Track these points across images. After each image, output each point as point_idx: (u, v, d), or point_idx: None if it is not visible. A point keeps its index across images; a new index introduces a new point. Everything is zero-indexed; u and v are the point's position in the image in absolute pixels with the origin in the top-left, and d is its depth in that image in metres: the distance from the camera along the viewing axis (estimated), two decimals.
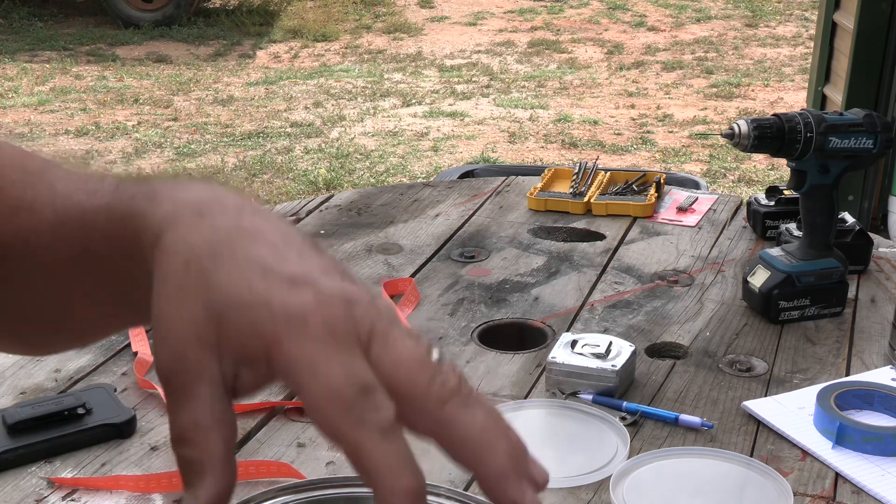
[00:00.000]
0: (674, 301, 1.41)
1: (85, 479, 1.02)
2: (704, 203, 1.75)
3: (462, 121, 5.60)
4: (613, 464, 1.03)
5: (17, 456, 1.04)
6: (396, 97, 6.07)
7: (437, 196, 1.81)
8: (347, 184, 4.57)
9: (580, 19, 8.32)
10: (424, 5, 8.78)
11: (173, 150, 5.08)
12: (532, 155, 5.01)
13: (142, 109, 5.80)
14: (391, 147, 5.12)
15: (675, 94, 6.15)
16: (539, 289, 1.45)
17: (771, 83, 6.40)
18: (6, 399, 1.16)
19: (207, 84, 6.38)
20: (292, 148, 5.10)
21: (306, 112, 5.76)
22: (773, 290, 1.33)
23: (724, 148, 4.96)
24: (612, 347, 1.19)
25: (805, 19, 8.11)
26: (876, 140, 1.32)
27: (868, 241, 1.50)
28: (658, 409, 1.13)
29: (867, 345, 1.29)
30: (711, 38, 7.59)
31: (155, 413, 1.13)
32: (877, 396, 1.14)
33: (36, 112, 5.75)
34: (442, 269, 1.52)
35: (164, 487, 1.00)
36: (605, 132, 5.39)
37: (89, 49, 7.23)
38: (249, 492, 1.00)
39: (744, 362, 1.25)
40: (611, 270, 1.51)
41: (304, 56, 7.22)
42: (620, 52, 7.22)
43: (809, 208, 1.35)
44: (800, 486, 1.01)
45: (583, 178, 1.79)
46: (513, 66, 6.88)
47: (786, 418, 1.12)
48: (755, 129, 1.29)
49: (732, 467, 1.02)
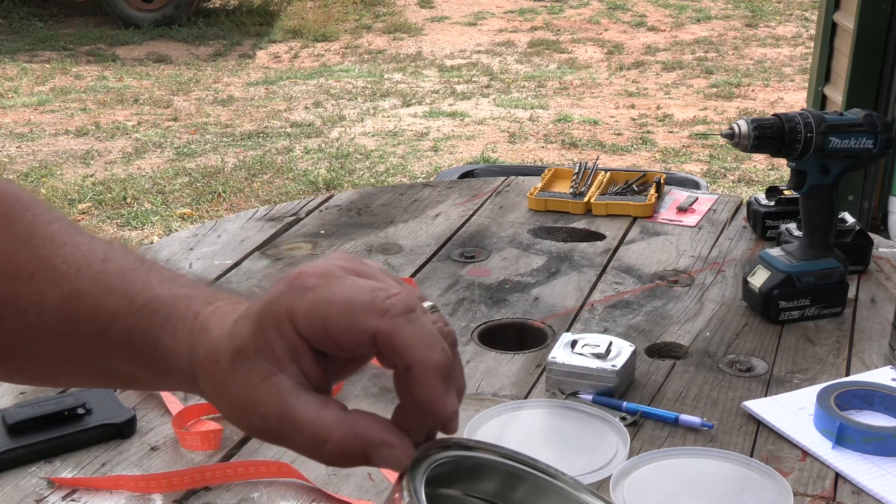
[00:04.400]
0: (674, 301, 1.41)
1: (85, 479, 1.02)
2: (704, 203, 1.75)
3: (462, 121, 5.60)
4: (613, 464, 1.03)
5: (17, 456, 1.04)
6: (396, 97, 6.07)
7: (437, 196, 1.80)
8: (347, 184, 4.57)
9: (580, 19, 8.32)
10: (424, 5, 8.78)
11: (173, 150, 5.08)
12: (532, 155, 5.01)
13: (142, 109, 5.80)
14: (391, 147, 5.12)
15: (675, 94, 6.15)
16: (539, 289, 1.45)
17: (771, 83, 6.40)
18: (6, 399, 1.16)
19: (207, 84, 6.38)
20: (292, 148, 5.10)
21: (306, 112, 5.76)
22: (773, 290, 1.33)
23: (724, 148, 4.96)
24: (612, 347, 1.19)
25: (805, 19, 8.11)
26: (876, 140, 1.32)
27: (868, 241, 1.50)
28: (658, 409, 1.13)
29: (867, 345, 1.29)
30: (711, 38, 7.59)
31: (155, 413, 1.13)
32: (877, 396, 1.14)
33: (36, 112, 5.75)
34: (442, 269, 1.52)
35: (164, 487, 1.00)
36: (605, 132, 5.39)
37: (89, 49, 7.23)
38: (249, 492, 1.00)
39: (744, 362, 1.25)
40: (611, 270, 1.51)
41: (304, 56, 7.22)
42: (620, 52, 7.22)
43: (809, 208, 1.34)
44: (800, 486, 1.01)
45: (583, 178, 1.79)
46: (513, 66, 6.88)
47: (786, 418, 1.12)
48: (755, 129, 1.29)
49: (732, 467, 1.02)
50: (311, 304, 0.48)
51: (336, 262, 0.50)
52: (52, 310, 0.53)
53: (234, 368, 0.49)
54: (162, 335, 0.51)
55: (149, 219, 4.14)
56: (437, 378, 0.47)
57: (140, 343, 0.52)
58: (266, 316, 0.48)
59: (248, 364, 0.48)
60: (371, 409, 0.49)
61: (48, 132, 5.37)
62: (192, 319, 0.51)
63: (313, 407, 0.48)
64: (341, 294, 0.48)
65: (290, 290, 0.48)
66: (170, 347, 0.51)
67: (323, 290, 0.48)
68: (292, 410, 0.47)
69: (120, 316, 0.52)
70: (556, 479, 0.54)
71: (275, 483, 1.01)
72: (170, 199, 4.35)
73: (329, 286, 0.48)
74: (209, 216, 4.17)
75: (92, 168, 4.80)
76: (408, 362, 0.47)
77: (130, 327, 0.52)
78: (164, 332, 0.52)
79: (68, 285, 0.53)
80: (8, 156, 4.96)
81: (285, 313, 0.48)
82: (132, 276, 0.54)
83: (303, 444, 0.48)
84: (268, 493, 1.00)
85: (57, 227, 0.56)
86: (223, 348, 0.49)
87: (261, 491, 1.00)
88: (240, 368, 0.48)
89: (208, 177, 4.63)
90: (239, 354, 0.49)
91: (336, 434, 0.47)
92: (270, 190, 4.49)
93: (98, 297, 0.53)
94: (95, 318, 0.53)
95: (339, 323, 0.47)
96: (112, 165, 4.84)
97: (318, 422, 0.48)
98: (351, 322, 0.47)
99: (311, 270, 0.49)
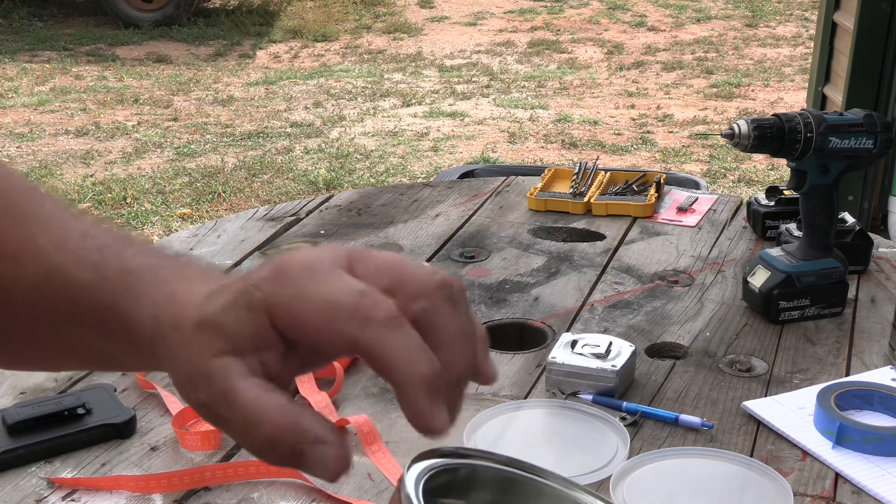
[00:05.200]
0: (674, 301, 1.41)
1: (85, 479, 1.02)
2: (704, 203, 1.75)
3: (462, 121, 5.60)
4: (613, 464, 1.03)
5: (17, 456, 1.04)
6: (396, 97, 6.07)
7: (437, 196, 1.80)
8: (347, 184, 4.57)
9: (580, 19, 8.32)
10: (424, 5, 8.78)
11: (173, 150, 5.08)
12: (532, 155, 5.01)
13: (142, 109, 5.80)
14: (391, 147, 5.12)
15: (675, 94, 6.15)
16: (539, 289, 1.45)
17: (771, 83, 6.40)
18: (6, 399, 1.16)
19: (207, 84, 6.38)
20: (292, 148, 5.10)
21: (306, 112, 5.76)
22: (773, 290, 1.33)
23: (724, 148, 4.96)
24: (612, 347, 1.19)
25: (805, 19, 8.11)
26: (876, 140, 1.32)
27: (868, 242, 1.50)
28: (658, 409, 1.13)
29: (867, 345, 1.29)
30: (711, 38, 7.59)
31: (155, 413, 1.13)
32: (877, 396, 1.14)
33: (36, 112, 5.75)
34: (442, 269, 1.51)
35: (164, 487, 1.00)
36: (605, 132, 5.39)
37: (89, 49, 7.23)
38: (249, 492, 1.00)
39: (744, 362, 1.25)
40: (611, 270, 1.51)
41: (304, 56, 7.22)
42: (620, 52, 7.22)
43: (809, 208, 1.35)
44: (800, 486, 1.01)
45: (583, 178, 1.79)
46: (513, 66, 6.88)
47: (786, 418, 1.12)
48: (755, 129, 1.29)
49: (732, 467, 1.02)
50: (291, 298, 0.46)
51: (328, 254, 0.48)
52: (32, 286, 0.53)
53: (193, 338, 0.47)
54: (125, 301, 0.50)
55: (149, 219, 4.14)
56: (422, 394, 0.45)
57: (105, 312, 0.51)
58: (242, 297, 0.47)
59: (206, 336, 0.47)
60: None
61: (48, 132, 5.37)
62: (159, 285, 0.50)
63: (258, 389, 0.46)
64: (324, 294, 0.45)
65: (273, 277, 0.47)
66: (131, 314, 0.50)
67: (306, 286, 0.46)
68: (235, 390, 0.46)
69: (89, 287, 0.52)
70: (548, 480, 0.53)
71: (275, 483, 1.01)
72: (170, 199, 4.36)
73: (314, 282, 0.46)
74: (209, 216, 4.17)
75: (92, 168, 4.80)
76: (391, 377, 0.45)
77: (97, 298, 0.51)
78: (126, 298, 0.50)
79: (47, 260, 0.53)
80: (8, 156, 4.96)
81: (262, 302, 0.46)
82: (109, 251, 0.53)
83: (237, 425, 0.46)
84: (268, 493, 1.00)
85: (49, 207, 0.56)
86: (188, 315, 0.48)
87: (261, 491, 1.00)
88: (198, 339, 0.47)
89: (208, 177, 4.63)
90: (202, 325, 0.47)
91: (272, 417, 0.45)
92: (270, 190, 4.49)
93: (72, 271, 0.52)
94: (69, 293, 0.52)
95: (317, 325, 0.45)
96: (112, 165, 4.84)
97: (257, 403, 0.45)
98: (330, 327, 0.45)
99: (297, 262, 0.47)
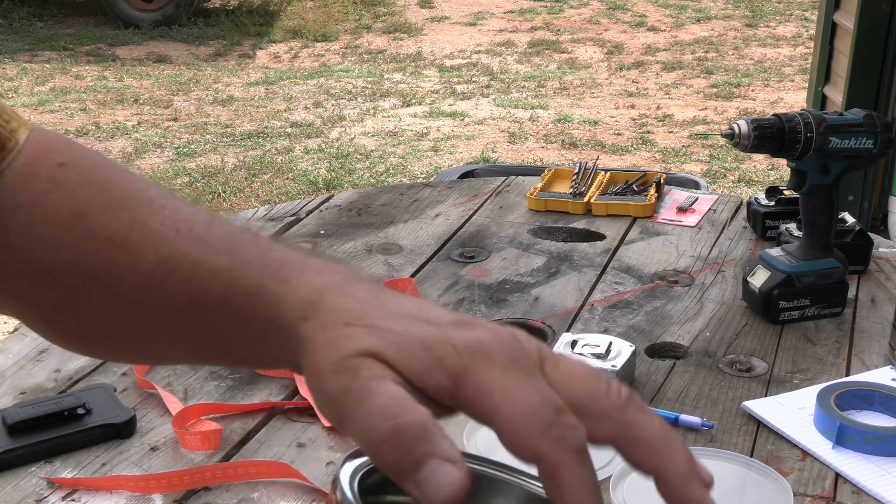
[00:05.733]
0: (674, 301, 1.41)
1: (85, 479, 1.02)
2: (704, 203, 1.75)
3: (462, 121, 5.60)
4: (613, 464, 1.03)
5: (17, 456, 1.04)
6: (396, 97, 6.07)
7: (437, 196, 1.80)
8: (347, 184, 4.57)
9: (580, 19, 8.32)
10: (424, 5, 8.78)
11: (173, 150, 5.08)
12: (532, 155, 5.01)
13: (142, 109, 5.80)
14: (391, 147, 5.12)
15: (675, 95, 6.15)
16: (539, 289, 1.45)
17: (771, 83, 6.40)
18: (6, 399, 1.16)
19: (207, 84, 6.38)
20: (292, 148, 5.10)
21: (306, 112, 5.76)
22: (773, 290, 1.33)
23: (724, 148, 4.96)
24: (612, 348, 1.19)
25: (805, 19, 8.11)
26: (876, 140, 1.32)
27: (868, 242, 1.50)
28: (658, 409, 1.13)
29: (867, 345, 1.29)
30: (711, 38, 7.59)
31: (155, 413, 1.13)
32: (877, 396, 1.14)
33: (36, 112, 5.75)
34: (442, 269, 1.52)
35: (164, 487, 1.00)
36: (605, 132, 5.39)
37: (89, 49, 7.23)
38: (249, 492, 1.00)
39: (744, 362, 1.25)
40: (611, 270, 1.51)
41: (304, 56, 7.22)
42: (620, 52, 7.22)
43: (809, 208, 1.35)
44: (800, 486, 1.01)
45: (583, 178, 1.79)
46: (513, 66, 6.88)
47: (786, 418, 1.12)
48: (755, 129, 1.29)
49: (732, 467, 1.02)
50: (494, 385, 0.43)
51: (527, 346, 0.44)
52: (149, 273, 0.50)
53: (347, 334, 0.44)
54: (272, 283, 0.47)
55: None
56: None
57: (243, 294, 0.47)
58: (437, 350, 0.43)
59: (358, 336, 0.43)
60: None
61: None
62: (313, 273, 0.47)
63: (398, 389, 0.42)
64: (527, 396, 0.42)
65: (476, 350, 0.43)
66: (280, 295, 0.46)
67: (508, 379, 0.43)
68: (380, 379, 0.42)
69: (223, 271, 0.48)
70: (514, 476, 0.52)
71: (275, 483, 1.01)
72: None
73: (516, 377, 0.43)
74: None
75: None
76: (557, 501, 0.42)
77: (234, 280, 0.48)
78: (273, 280, 0.47)
79: (166, 246, 0.50)
80: None
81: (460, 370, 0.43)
82: (239, 239, 0.50)
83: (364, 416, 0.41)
84: (268, 493, 1.00)
85: (155, 191, 0.53)
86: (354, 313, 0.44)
87: (261, 491, 1.00)
88: (353, 334, 0.44)
89: (208, 177, 4.63)
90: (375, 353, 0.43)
91: (408, 417, 0.41)
92: (270, 190, 4.49)
93: (199, 257, 0.49)
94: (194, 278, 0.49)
95: (510, 421, 0.42)
96: None
97: (397, 398, 0.41)
98: (521, 430, 0.42)
99: (502, 346, 0.44)
